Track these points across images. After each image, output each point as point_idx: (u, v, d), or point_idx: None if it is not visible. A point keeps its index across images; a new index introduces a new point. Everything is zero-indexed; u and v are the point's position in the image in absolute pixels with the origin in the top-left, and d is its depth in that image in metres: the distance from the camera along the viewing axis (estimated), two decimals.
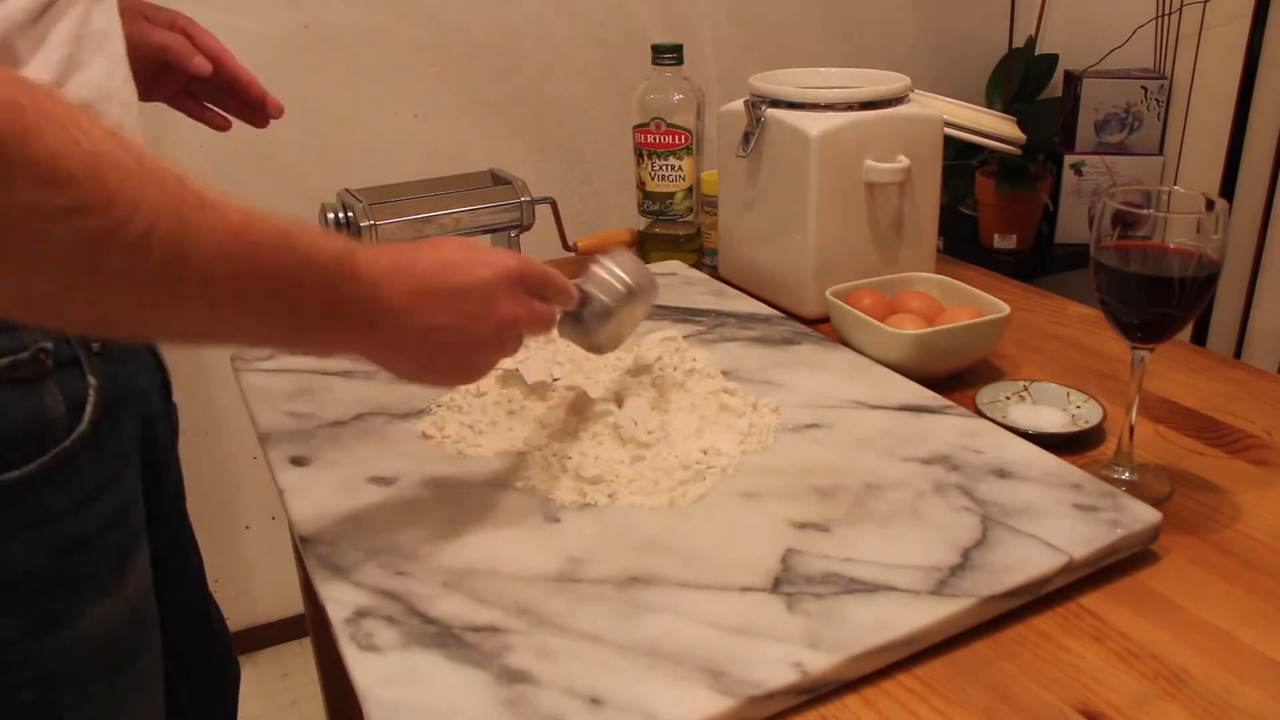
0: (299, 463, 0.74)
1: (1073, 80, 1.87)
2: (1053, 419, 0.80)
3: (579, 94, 1.77)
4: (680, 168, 1.17)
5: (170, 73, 0.80)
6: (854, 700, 0.54)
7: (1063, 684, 0.55)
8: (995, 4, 2.01)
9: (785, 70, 1.08)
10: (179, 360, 0.77)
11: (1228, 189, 1.77)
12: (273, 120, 0.88)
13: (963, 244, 1.92)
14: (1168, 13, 1.82)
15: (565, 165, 1.80)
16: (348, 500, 0.69)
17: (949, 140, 1.08)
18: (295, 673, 1.80)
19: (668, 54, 1.15)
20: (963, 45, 2.07)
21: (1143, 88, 1.84)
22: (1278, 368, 1.76)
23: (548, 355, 0.86)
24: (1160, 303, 0.65)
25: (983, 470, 0.70)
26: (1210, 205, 0.65)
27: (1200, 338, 1.85)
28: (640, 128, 1.16)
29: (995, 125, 1.18)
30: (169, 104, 0.85)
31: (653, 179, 1.18)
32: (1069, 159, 1.86)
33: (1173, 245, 0.65)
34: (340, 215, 1.00)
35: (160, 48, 0.78)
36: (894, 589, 0.58)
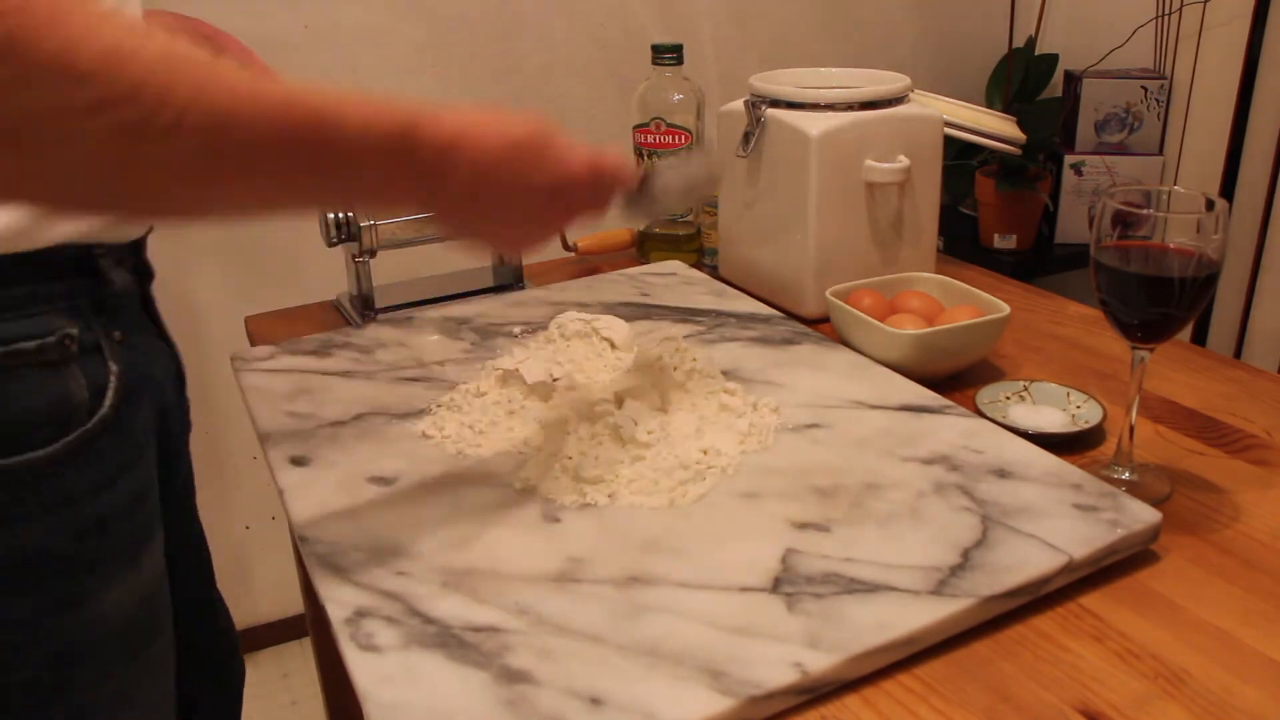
0: (299, 463, 0.74)
1: (1073, 80, 1.87)
2: (1053, 419, 0.80)
3: (579, 94, 1.77)
4: None
5: None
6: (854, 700, 0.54)
7: (1063, 684, 0.55)
8: (995, 4, 2.01)
9: (785, 70, 1.08)
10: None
11: (1228, 189, 1.77)
12: None
13: (963, 244, 1.92)
14: (1168, 13, 1.82)
15: None
16: (348, 500, 0.69)
17: (949, 140, 1.08)
18: (295, 673, 1.80)
19: (668, 54, 1.15)
20: (963, 45, 2.07)
21: (1143, 88, 1.84)
22: (1278, 368, 1.76)
23: (548, 355, 0.86)
24: (1160, 303, 0.65)
25: (983, 470, 0.70)
26: (1210, 205, 0.65)
27: (1200, 338, 1.85)
28: (640, 128, 1.16)
29: (995, 125, 1.18)
30: None
31: None
32: (1069, 159, 1.86)
33: (1173, 245, 0.65)
34: (340, 215, 1.00)
35: None
36: (894, 589, 0.58)
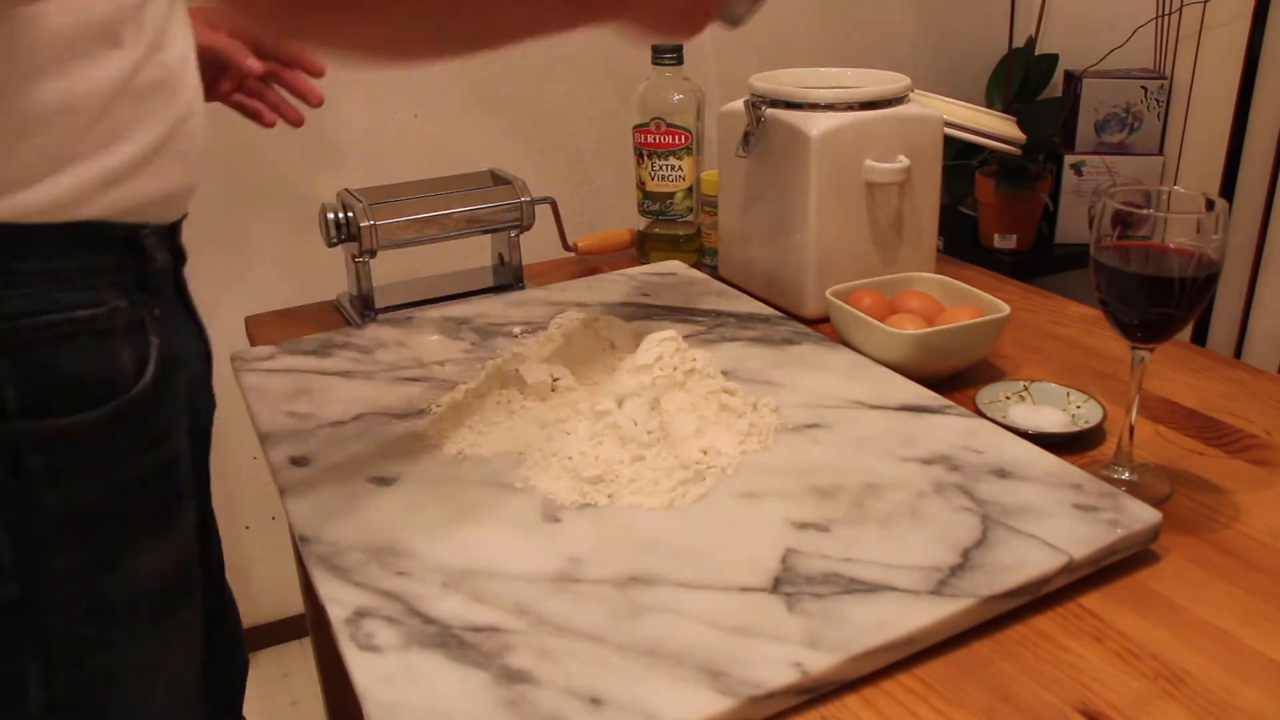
0: (299, 463, 0.74)
1: (1073, 80, 1.87)
2: (1053, 419, 0.80)
3: (579, 94, 1.77)
4: (680, 168, 1.17)
5: (227, 71, 0.89)
6: (854, 700, 0.54)
7: (1063, 684, 0.55)
8: (995, 4, 2.00)
9: (785, 70, 1.08)
10: None
11: (1228, 189, 1.77)
12: (276, 121, 0.95)
13: (963, 244, 1.92)
14: (1168, 13, 1.82)
15: (565, 165, 1.80)
16: (348, 500, 0.69)
17: (949, 140, 1.08)
18: (295, 673, 1.81)
19: (668, 54, 1.15)
20: (963, 45, 2.07)
21: (1143, 88, 1.84)
22: (1278, 368, 1.76)
23: (548, 355, 0.86)
24: (1160, 303, 0.65)
25: (983, 470, 0.70)
26: (1210, 205, 0.65)
27: (1200, 338, 1.85)
28: (640, 128, 1.16)
29: (995, 125, 1.18)
30: (226, 103, 0.93)
31: (653, 179, 1.18)
32: (1069, 159, 1.86)
33: (1173, 245, 0.65)
34: (340, 215, 1.00)
35: (219, 49, 0.86)
36: (894, 589, 0.58)
